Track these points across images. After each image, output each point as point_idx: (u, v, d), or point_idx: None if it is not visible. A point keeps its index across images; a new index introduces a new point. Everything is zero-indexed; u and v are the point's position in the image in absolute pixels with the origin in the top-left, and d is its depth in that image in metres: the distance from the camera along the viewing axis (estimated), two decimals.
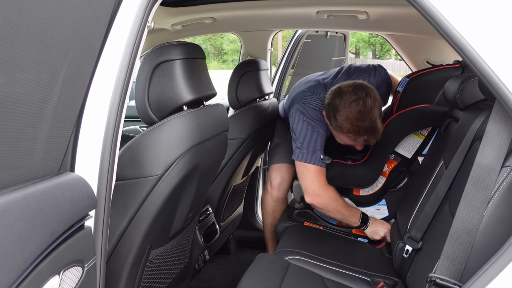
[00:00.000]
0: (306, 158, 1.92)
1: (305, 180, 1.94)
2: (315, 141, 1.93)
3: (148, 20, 1.11)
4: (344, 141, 1.89)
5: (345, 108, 1.76)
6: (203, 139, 1.45)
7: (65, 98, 0.88)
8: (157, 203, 1.33)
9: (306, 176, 1.93)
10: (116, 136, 1.05)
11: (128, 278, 1.37)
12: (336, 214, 1.96)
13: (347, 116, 1.76)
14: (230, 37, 22.81)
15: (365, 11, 1.98)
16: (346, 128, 1.78)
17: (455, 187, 1.37)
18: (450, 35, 0.95)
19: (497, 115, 1.02)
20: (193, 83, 1.41)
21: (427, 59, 2.60)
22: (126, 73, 1.03)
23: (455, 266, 1.04)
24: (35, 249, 0.76)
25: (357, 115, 1.74)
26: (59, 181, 0.86)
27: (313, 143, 1.93)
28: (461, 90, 1.54)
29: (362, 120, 1.74)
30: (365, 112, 1.74)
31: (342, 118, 1.77)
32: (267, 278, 1.54)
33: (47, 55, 0.80)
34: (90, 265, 0.95)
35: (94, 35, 0.96)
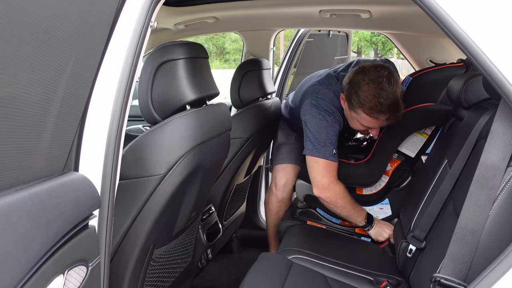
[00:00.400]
0: (318, 152, 1.88)
1: (315, 174, 1.90)
2: (329, 134, 1.90)
3: (152, 19, 1.11)
4: (362, 123, 1.84)
5: (368, 84, 1.73)
6: (206, 139, 1.45)
7: (69, 98, 0.88)
8: (160, 202, 1.33)
9: (317, 169, 1.90)
10: (120, 135, 1.05)
11: (131, 277, 1.37)
12: (342, 210, 1.93)
13: (370, 92, 1.72)
14: (232, 37, 22.80)
15: (368, 10, 1.97)
16: (368, 105, 1.73)
17: (459, 187, 1.37)
18: (454, 33, 0.95)
19: (502, 114, 1.01)
20: (196, 82, 1.41)
21: (430, 58, 2.59)
22: (130, 73, 1.03)
23: (460, 266, 1.03)
24: (40, 249, 0.76)
25: (380, 91, 1.71)
26: (63, 181, 0.86)
27: (328, 137, 1.89)
28: (465, 89, 1.53)
29: (385, 97, 1.70)
30: (388, 88, 1.71)
31: (365, 94, 1.73)
32: (270, 277, 1.54)
33: (50, 54, 0.80)
34: (94, 264, 0.95)
35: (97, 35, 0.96)
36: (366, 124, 1.84)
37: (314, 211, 2.17)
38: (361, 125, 1.86)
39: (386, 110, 1.73)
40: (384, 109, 1.73)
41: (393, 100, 1.72)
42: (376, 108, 1.73)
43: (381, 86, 1.71)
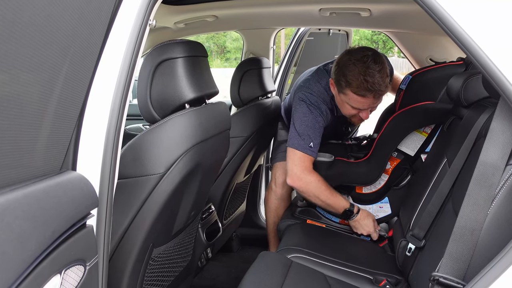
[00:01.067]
0: (297, 144, 1.93)
1: (290, 163, 1.96)
2: (310, 128, 1.94)
3: (150, 18, 1.10)
4: (352, 105, 1.89)
5: (355, 63, 1.79)
6: (205, 137, 1.44)
7: (66, 97, 0.88)
8: (159, 202, 1.33)
9: (291, 159, 1.95)
10: (118, 134, 1.04)
11: (130, 276, 1.37)
12: (316, 200, 1.97)
13: (356, 71, 1.78)
14: (233, 35, 22.78)
15: (368, 8, 1.97)
16: (355, 84, 1.79)
17: (459, 185, 1.36)
18: (453, 31, 0.95)
19: (502, 112, 1.01)
20: (195, 81, 1.41)
21: (430, 56, 2.58)
22: (128, 71, 1.03)
23: (459, 264, 1.03)
24: (36, 249, 0.76)
25: (366, 69, 1.77)
26: (61, 180, 0.86)
27: (308, 130, 1.94)
28: (465, 88, 1.53)
29: (371, 74, 1.76)
30: (374, 66, 1.77)
31: (352, 73, 1.79)
32: (270, 276, 1.54)
33: (47, 53, 0.80)
34: (92, 264, 0.95)
35: (94, 33, 0.95)
36: (355, 105, 1.88)
37: (314, 210, 2.17)
38: (351, 108, 1.90)
39: (372, 87, 1.78)
40: (370, 86, 1.77)
41: (379, 77, 1.77)
42: (362, 86, 1.78)
43: (366, 65, 1.77)
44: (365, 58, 1.79)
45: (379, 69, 1.77)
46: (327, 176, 2.09)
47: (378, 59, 1.79)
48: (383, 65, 1.80)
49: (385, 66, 1.81)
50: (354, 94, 1.83)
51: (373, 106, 1.90)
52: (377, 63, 1.78)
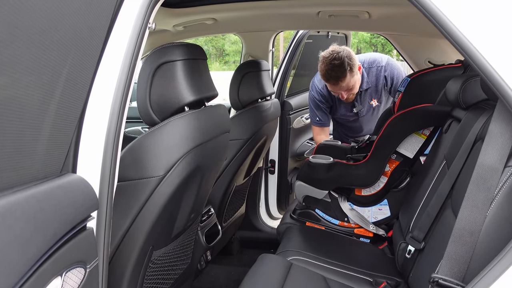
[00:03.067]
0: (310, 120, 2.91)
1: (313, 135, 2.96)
2: (313, 106, 2.80)
3: (150, 21, 1.11)
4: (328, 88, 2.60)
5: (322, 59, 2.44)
6: (205, 140, 1.44)
7: (66, 99, 0.88)
8: (159, 204, 1.33)
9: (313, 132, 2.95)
10: (118, 137, 1.04)
11: (130, 279, 1.37)
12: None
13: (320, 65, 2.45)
14: (232, 38, 22.77)
15: (367, 11, 1.97)
16: (320, 74, 2.48)
17: (458, 187, 1.37)
18: (451, 34, 0.95)
19: (500, 114, 1.01)
20: (195, 84, 1.41)
21: (429, 59, 2.59)
22: (128, 74, 1.03)
23: (458, 266, 1.03)
24: (37, 251, 0.76)
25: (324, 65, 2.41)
26: (61, 182, 0.86)
27: (312, 108, 2.81)
28: (463, 90, 1.53)
29: (325, 69, 2.40)
30: (331, 62, 2.38)
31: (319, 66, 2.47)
32: (270, 279, 1.54)
33: (48, 56, 0.80)
34: (92, 266, 0.95)
35: (95, 36, 0.96)
36: (329, 89, 2.58)
37: (313, 212, 2.17)
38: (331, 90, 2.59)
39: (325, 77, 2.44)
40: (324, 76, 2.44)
41: (330, 70, 2.39)
42: (325, 76, 2.44)
43: (325, 61, 2.40)
44: (331, 56, 2.39)
45: (334, 64, 2.37)
46: (326, 178, 2.10)
47: (340, 57, 2.37)
48: (343, 61, 2.36)
49: (345, 61, 2.37)
50: (324, 81, 2.52)
51: (341, 90, 2.50)
52: (338, 59, 2.36)
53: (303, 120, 3.13)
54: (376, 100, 2.71)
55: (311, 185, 2.14)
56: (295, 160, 3.14)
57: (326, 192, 2.13)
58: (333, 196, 2.13)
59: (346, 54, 2.40)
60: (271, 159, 2.99)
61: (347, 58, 2.38)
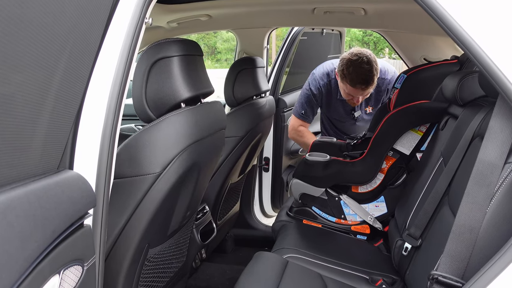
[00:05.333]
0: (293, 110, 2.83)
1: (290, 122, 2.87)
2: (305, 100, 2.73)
3: (146, 16, 1.09)
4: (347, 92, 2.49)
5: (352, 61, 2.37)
6: (202, 137, 1.43)
7: (63, 95, 0.86)
8: (155, 202, 1.32)
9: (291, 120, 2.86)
10: (115, 133, 1.03)
11: (126, 277, 1.36)
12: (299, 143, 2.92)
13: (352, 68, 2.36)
14: (224, 36, 22.73)
15: (363, 8, 1.97)
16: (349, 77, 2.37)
17: (455, 184, 1.37)
18: (452, 29, 0.95)
19: (500, 110, 1.01)
20: (191, 80, 1.40)
21: (424, 56, 2.60)
22: (125, 69, 1.02)
23: (458, 263, 1.03)
24: (37, 248, 0.74)
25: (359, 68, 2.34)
26: (59, 179, 0.84)
27: (302, 101, 2.75)
28: (461, 87, 1.54)
29: (362, 72, 2.34)
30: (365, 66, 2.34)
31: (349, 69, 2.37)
32: (266, 277, 1.53)
33: (45, 49, 0.78)
34: (89, 264, 0.94)
35: (93, 30, 0.94)
36: (349, 92, 2.48)
37: (310, 210, 2.17)
38: (346, 94, 2.51)
39: (361, 81, 2.37)
40: (360, 80, 2.36)
41: (367, 75, 2.35)
42: (355, 80, 2.37)
43: (359, 64, 2.33)
44: (360, 59, 2.34)
45: (365, 69, 2.33)
46: (323, 176, 2.10)
47: (369, 61, 2.35)
48: (372, 66, 2.35)
49: (373, 66, 2.36)
50: (349, 85, 2.41)
51: (363, 95, 2.47)
52: (368, 64, 2.34)
53: None
54: (371, 108, 2.76)
55: (308, 183, 2.13)
56: (289, 158, 3.13)
57: (323, 189, 2.13)
58: (330, 194, 2.13)
59: (374, 59, 2.39)
60: (265, 156, 2.98)
61: (375, 63, 2.38)
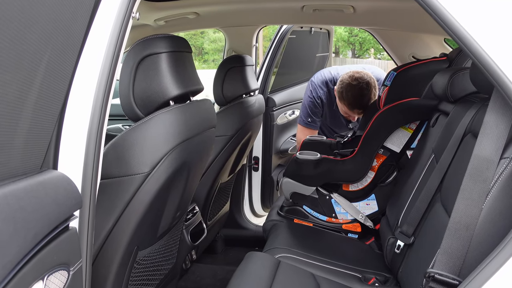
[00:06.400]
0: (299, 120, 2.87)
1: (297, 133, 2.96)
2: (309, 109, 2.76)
3: (133, 10, 1.06)
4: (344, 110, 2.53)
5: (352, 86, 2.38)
6: (191, 135, 1.40)
7: (47, 89, 0.82)
8: (144, 202, 1.28)
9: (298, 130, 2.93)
10: (101, 132, 0.99)
11: (115, 281, 1.32)
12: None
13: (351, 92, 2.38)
14: (211, 37, 22.68)
15: (351, 5, 1.96)
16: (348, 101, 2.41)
17: (447, 181, 1.36)
18: (447, 22, 0.93)
19: (495, 105, 1.00)
20: (180, 77, 1.37)
21: (413, 53, 2.61)
22: (111, 65, 0.98)
23: (454, 260, 1.01)
24: (17, 253, 0.70)
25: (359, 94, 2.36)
26: (42, 179, 0.80)
27: (306, 109, 2.78)
28: (451, 83, 1.53)
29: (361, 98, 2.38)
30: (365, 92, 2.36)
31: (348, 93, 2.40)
32: (258, 277, 1.51)
33: (27, 38, 0.74)
34: (76, 268, 0.90)
35: (77, 20, 0.90)
36: (346, 112, 2.53)
37: (301, 209, 2.15)
38: (343, 111, 2.57)
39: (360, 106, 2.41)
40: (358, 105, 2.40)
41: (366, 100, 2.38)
42: (353, 104, 2.41)
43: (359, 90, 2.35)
44: (360, 84, 2.35)
45: (367, 95, 2.36)
46: (314, 174, 2.08)
47: (369, 87, 2.36)
48: (371, 92, 2.37)
49: (372, 92, 2.38)
50: (346, 107, 2.46)
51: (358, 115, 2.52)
52: (367, 90, 2.35)
53: (286, 116, 3.11)
54: None
55: (299, 182, 2.12)
56: (278, 157, 3.12)
57: (313, 188, 2.11)
58: (321, 192, 2.12)
59: (373, 83, 2.40)
60: (254, 156, 2.96)
61: (373, 88, 2.40)
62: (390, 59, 2.94)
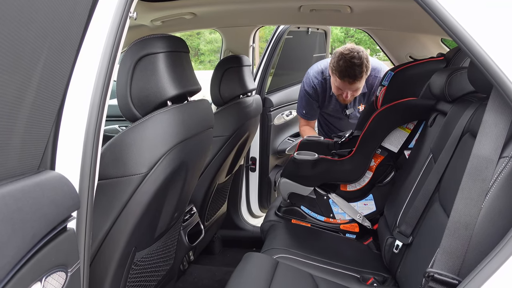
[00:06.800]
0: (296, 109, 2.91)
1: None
2: (303, 99, 2.79)
3: (131, 10, 1.05)
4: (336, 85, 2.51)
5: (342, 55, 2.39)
6: (189, 136, 1.39)
7: (44, 89, 0.81)
8: (142, 203, 1.27)
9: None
10: (99, 132, 0.99)
11: (112, 282, 1.31)
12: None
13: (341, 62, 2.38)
14: (207, 38, 22.67)
15: (349, 6, 1.96)
16: (338, 70, 2.39)
17: (446, 181, 1.36)
18: (446, 22, 0.93)
19: (494, 104, 1.00)
20: (177, 77, 1.36)
21: (410, 54, 2.61)
22: (109, 64, 0.97)
23: (453, 260, 1.01)
24: (15, 254, 0.69)
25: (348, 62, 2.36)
26: (39, 180, 0.79)
27: (300, 101, 2.82)
28: (449, 83, 1.53)
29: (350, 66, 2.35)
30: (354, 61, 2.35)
31: (338, 62, 2.40)
32: (256, 278, 1.50)
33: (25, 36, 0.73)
34: (74, 269, 0.89)
35: (75, 19, 0.89)
36: (338, 86, 2.49)
37: (299, 209, 2.15)
38: (336, 87, 2.54)
39: (349, 75, 2.37)
40: (347, 73, 2.37)
41: (355, 69, 2.35)
42: (342, 73, 2.38)
43: (349, 59, 2.35)
44: (351, 53, 2.35)
45: (354, 63, 2.34)
46: (311, 174, 2.08)
47: (360, 57, 2.35)
48: (362, 62, 2.35)
49: (364, 63, 2.36)
50: (337, 78, 2.43)
51: (351, 90, 2.47)
52: (358, 59, 2.34)
53: (283, 116, 3.11)
54: (364, 106, 2.76)
55: (296, 182, 2.11)
56: (276, 157, 3.11)
57: (311, 188, 2.11)
58: (319, 193, 2.11)
59: (365, 56, 2.39)
60: (252, 156, 2.95)
61: (365, 60, 2.38)
62: (386, 59, 2.94)
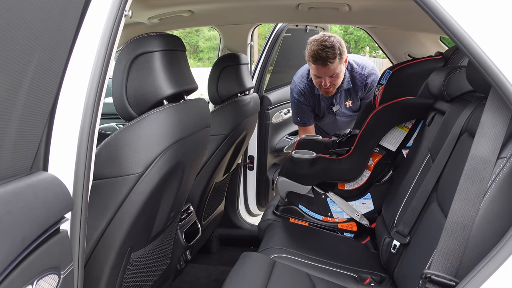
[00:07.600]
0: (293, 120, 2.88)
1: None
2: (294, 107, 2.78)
3: (126, 8, 1.04)
4: (313, 73, 2.50)
5: (312, 41, 2.41)
6: (185, 135, 1.38)
7: (37, 88, 0.80)
8: (137, 203, 1.26)
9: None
10: (93, 131, 0.97)
11: (107, 283, 1.30)
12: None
13: (310, 45, 2.40)
14: (206, 35, 22.66)
15: (347, 4, 1.95)
16: (308, 54, 2.40)
17: (443, 180, 1.35)
18: (445, 22, 0.92)
19: (492, 105, 0.99)
20: (174, 76, 1.35)
21: (408, 52, 2.60)
22: (103, 63, 0.96)
23: (450, 261, 1.01)
24: (4, 259, 0.68)
25: (316, 45, 2.36)
26: (31, 181, 0.78)
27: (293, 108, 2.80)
28: (447, 82, 1.53)
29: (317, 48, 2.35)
30: (323, 43, 2.35)
31: (308, 47, 2.42)
32: (253, 277, 1.50)
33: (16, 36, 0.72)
34: (67, 272, 0.88)
35: (68, 18, 0.87)
36: (314, 73, 2.48)
37: (297, 208, 2.14)
38: (313, 76, 2.51)
39: (316, 56, 2.35)
40: (315, 55, 2.35)
41: (321, 50, 2.34)
42: (315, 57, 2.36)
43: (317, 42, 2.36)
44: (323, 38, 2.37)
45: (325, 45, 2.33)
46: (309, 173, 2.07)
47: (331, 41, 2.35)
48: (333, 46, 2.34)
49: (335, 48, 2.34)
50: (311, 63, 2.42)
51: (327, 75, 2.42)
52: (329, 43, 2.34)
53: (282, 115, 3.10)
54: (351, 102, 2.72)
55: (294, 181, 2.11)
56: (274, 155, 3.10)
57: (309, 187, 2.10)
58: (316, 191, 2.11)
59: (337, 40, 2.39)
60: (250, 155, 2.94)
61: (338, 43, 2.37)
62: (385, 57, 2.93)
